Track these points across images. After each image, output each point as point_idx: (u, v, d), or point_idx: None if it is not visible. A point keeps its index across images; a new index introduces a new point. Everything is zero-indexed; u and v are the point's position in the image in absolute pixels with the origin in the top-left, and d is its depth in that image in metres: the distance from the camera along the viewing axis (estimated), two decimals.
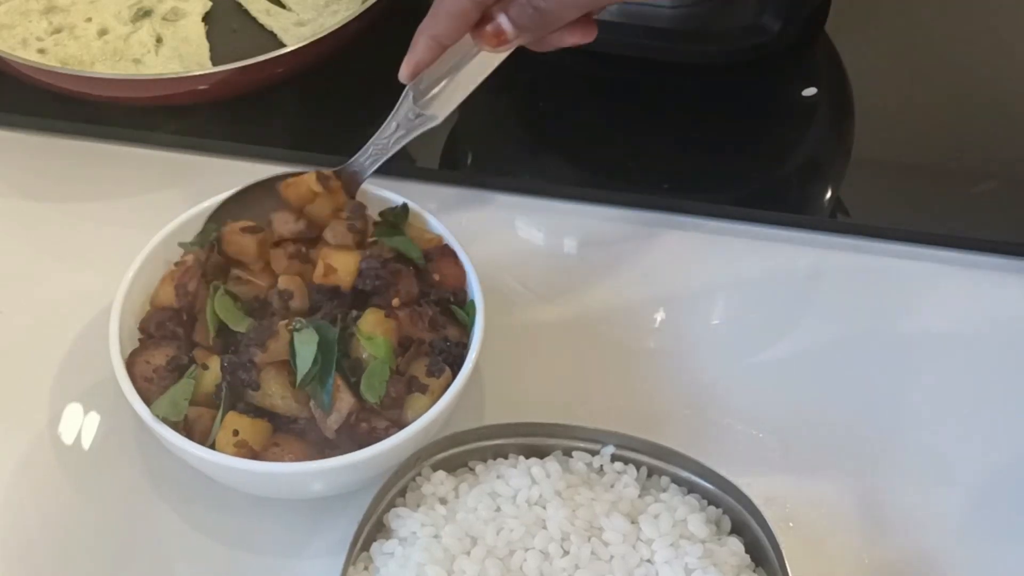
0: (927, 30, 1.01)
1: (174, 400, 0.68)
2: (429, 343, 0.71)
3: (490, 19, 0.70)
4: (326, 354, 0.67)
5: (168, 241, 0.74)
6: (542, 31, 0.70)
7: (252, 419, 0.67)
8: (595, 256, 0.86)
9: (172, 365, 0.70)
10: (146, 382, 0.69)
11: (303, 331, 0.68)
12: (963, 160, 0.91)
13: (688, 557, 0.64)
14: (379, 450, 0.65)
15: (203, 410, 0.68)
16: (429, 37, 0.71)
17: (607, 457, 0.69)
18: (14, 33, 0.94)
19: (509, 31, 0.69)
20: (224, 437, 0.66)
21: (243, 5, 0.99)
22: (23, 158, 0.91)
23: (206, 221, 0.75)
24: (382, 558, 0.64)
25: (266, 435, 0.67)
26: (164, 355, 0.70)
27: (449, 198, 0.88)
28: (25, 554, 0.70)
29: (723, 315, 0.84)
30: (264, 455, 0.66)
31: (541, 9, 0.68)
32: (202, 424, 0.68)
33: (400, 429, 0.67)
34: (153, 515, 0.72)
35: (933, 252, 0.86)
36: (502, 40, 0.70)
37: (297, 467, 0.65)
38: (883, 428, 0.76)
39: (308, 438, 0.68)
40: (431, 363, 0.69)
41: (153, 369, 0.69)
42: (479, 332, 0.71)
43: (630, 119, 0.95)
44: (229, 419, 0.67)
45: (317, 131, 0.92)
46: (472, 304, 0.72)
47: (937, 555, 0.71)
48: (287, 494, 0.71)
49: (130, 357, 0.70)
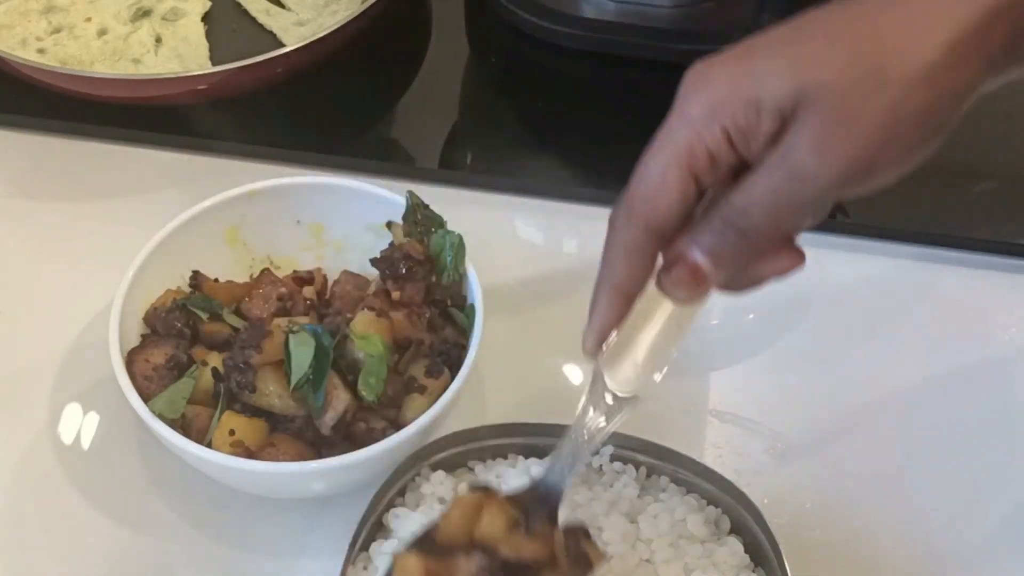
0: None
1: (172, 398, 0.68)
2: (429, 345, 0.71)
3: (678, 257, 0.55)
4: (321, 359, 0.67)
5: (168, 241, 0.74)
6: (748, 258, 0.54)
7: (249, 418, 0.67)
8: (595, 256, 0.85)
9: (171, 363, 0.70)
10: (146, 380, 0.69)
11: (299, 334, 0.68)
12: (962, 160, 0.91)
13: (687, 557, 0.64)
14: (377, 450, 0.65)
15: (201, 408, 0.68)
16: (609, 288, 0.56)
17: (606, 457, 0.69)
18: (13, 33, 0.94)
19: (706, 266, 0.54)
20: (220, 436, 0.66)
21: (242, 5, 0.99)
22: (23, 158, 0.91)
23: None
24: (381, 558, 0.64)
25: (262, 435, 0.67)
26: (164, 354, 0.70)
27: (449, 198, 0.87)
28: (25, 553, 0.70)
29: (722, 315, 0.84)
30: (260, 455, 0.66)
31: (748, 229, 0.53)
32: (200, 422, 0.68)
33: (397, 429, 0.67)
34: (153, 514, 0.72)
35: (933, 252, 0.86)
36: (700, 279, 0.54)
37: (294, 467, 0.65)
38: (883, 428, 0.76)
39: (305, 438, 0.68)
40: (430, 364, 0.70)
41: (153, 367, 0.69)
42: (478, 334, 0.70)
43: (630, 119, 0.95)
44: (226, 418, 0.67)
45: (316, 131, 0.92)
46: (472, 307, 0.72)
47: (938, 555, 0.71)
48: (285, 493, 0.71)
49: (129, 355, 0.70)
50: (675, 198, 0.53)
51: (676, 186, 0.53)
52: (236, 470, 0.66)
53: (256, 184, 0.77)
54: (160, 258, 0.74)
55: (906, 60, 0.49)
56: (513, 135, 0.93)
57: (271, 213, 0.78)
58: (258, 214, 0.78)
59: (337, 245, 0.80)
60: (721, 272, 0.54)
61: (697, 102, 0.53)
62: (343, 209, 0.78)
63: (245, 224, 0.78)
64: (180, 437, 0.66)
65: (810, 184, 0.51)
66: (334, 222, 0.79)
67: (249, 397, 0.67)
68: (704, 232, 0.54)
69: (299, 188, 0.78)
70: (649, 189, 0.54)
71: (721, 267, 0.54)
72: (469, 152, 0.92)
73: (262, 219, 0.78)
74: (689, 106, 0.53)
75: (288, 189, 0.78)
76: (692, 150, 0.53)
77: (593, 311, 0.57)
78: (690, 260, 0.54)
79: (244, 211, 0.77)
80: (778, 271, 0.55)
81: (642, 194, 0.54)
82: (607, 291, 0.57)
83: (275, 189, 0.78)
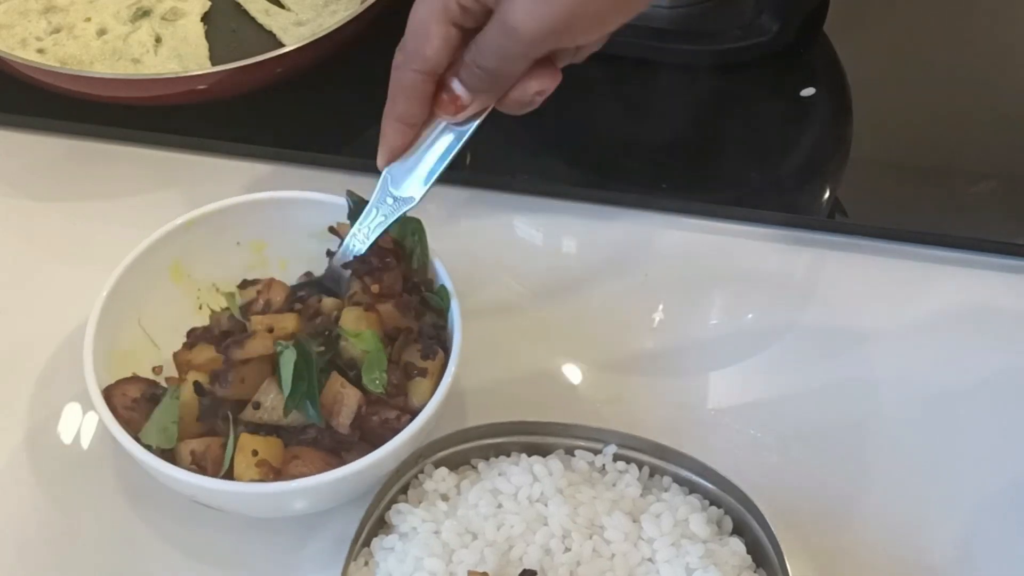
0: (925, 30, 1.01)
1: (162, 425, 0.67)
2: (418, 331, 0.71)
3: (445, 88, 0.67)
4: (302, 369, 0.66)
5: (117, 288, 0.72)
6: (497, 89, 0.67)
7: (264, 437, 0.66)
8: (594, 256, 0.86)
9: (148, 395, 0.69)
10: (128, 411, 0.68)
11: (284, 352, 0.67)
12: (962, 160, 0.92)
13: (689, 557, 0.64)
14: (405, 436, 0.65)
15: (210, 440, 0.66)
16: (393, 120, 0.69)
17: (609, 456, 0.69)
18: (13, 33, 0.94)
19: (464, 95, 0.67)
20: (244, 460, 0.65)
21: (242, 5, 0.98)
22: (23, 158, 0.91)
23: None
24: (382, 553, 0.65)
25: (281, 451, 0.66)
26: (138, 388, 0.69)
27: (449, 198, 0.88)
28: (18, 557, 0.70)
29: (723, 315, 0.84)
30: (287, 470, 0.65)
31: (487, 69, 0.65)
32: (213, 453, 0.66)
33: (409, 414, 0.67)
34: (151, 514, 0.72)
35: (932, 252, 0.86)
36: (459, 107, 0.67)
37: (336, 474, 0.64)
38: (884, 428, 0.76)
39: (323, 446, 0.67)
40: (424, 347, 0.70)
41: (132, 400, 0.68)
42: (456, 309, 0.70)
43: (629, 119, 0.95)
44: (244, 441, 0.65)
45: (316, 131, 0.92)
46: (443, 288, 0.72)
47: (938, 555, 0.71)
48: (327, 504, 0.70)
49: (106, 392, 0.68)
50: (437, 44, 0.66)
51: (437, 33, 0.65)
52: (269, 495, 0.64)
53: (192, 213, 0.75)
54: (114, 305, 0.72)
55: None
56: (513, 135, 0.93)
57: (210, 239, 0.76)
58: (198, 243, 0.76)
59: (282, 261, 0.78)
60: (478, 99, 0.67)
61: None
62: (283, 222, 0.77)
63: (186, 256, 0.76)
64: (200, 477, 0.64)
65: (517, 38, 0.63)
66: (275, 236, 0.78)
67: (254, 416, 0.66)
68: (461, 68, 0.66)
69: (235, 209, 0.77)
70: (417, 38, 0.66)
71: (476, 95, 0.67)
72: (469, 152, 0.92)
73: (202, 247, 0.76)
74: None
75: (224, 212, 0.76)
76: (447, 3, 0.65)
77: (382, 138, 0.70)
78: (451, 91, 0.67)
79: (184, 242, 0.75)
80: (532, 91, 0.66)
81: (412, 42, 0.66)
82: (391, 122, 0.69)
83: (211, 215, 0.76)
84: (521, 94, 0.67)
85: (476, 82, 0.66)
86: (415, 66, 0.67)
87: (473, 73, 0.66)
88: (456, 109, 0.67)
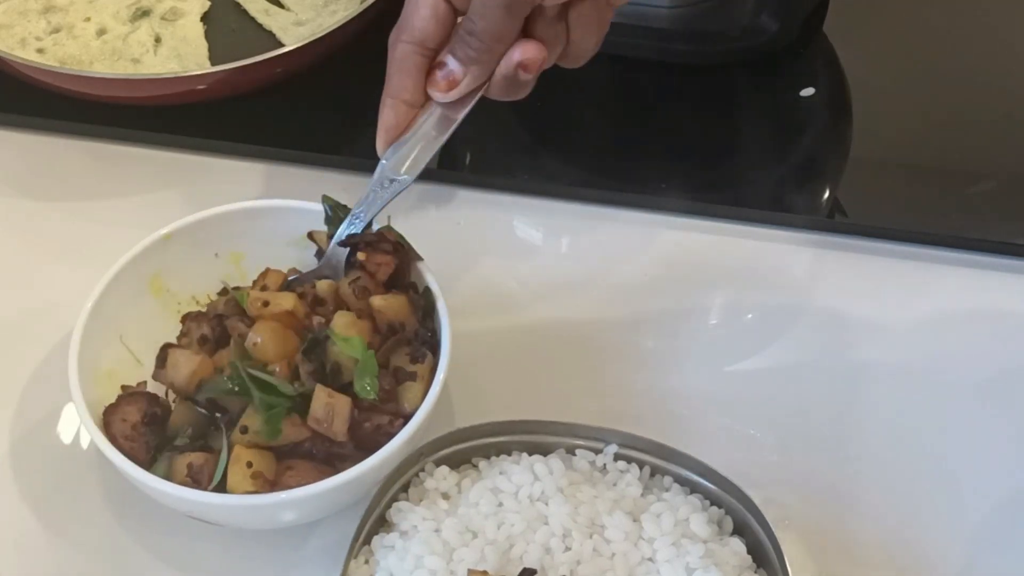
0: (925, 30, 1.02)
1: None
2: (414, 331, 0.70)
3: (438, 65, 0.70)
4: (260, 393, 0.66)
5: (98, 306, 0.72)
6: (486, 58, 0.69)
7: (259, 449, 0.66)
8: (594, 256, 0.86)
9: (148, 419, 0.68)
10: (127, 441, 0.67)
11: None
12: (961, 160, 0.92)
13: (689, 557, 0.64)
14: (400, 441, 0.65)
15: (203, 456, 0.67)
16: (388, 98, 0.71)
17: (610, 456, 0.69)
18: (13, 33, 0.94)
19: (456, 69, 0.69)
20: (238, 472, 0.65)
21: (242, 5, 0.98)
22: (22, 158, 0.91)
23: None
24: (382, 551, 0.65)
25: (274, 463, 0.66)
26: (138, 410, 0.68)
27: (448, 198, 0.88)
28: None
29: (723, 315, 0.84)
30: (282, 480, 0.66)
31: (475, 32, 0.68)
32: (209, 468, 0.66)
33: (403, 419, 0.67)
34: (142, 521, 0.72)
35: (931, 252, 0.86)
36: (452, 82, 0.69)
37: (335, 481, 0.64)
38: (884, 428, 0.76)
39: (316, 457, 0.67)
40: (412, 350, 0.69)
41: (131, 426, 0.68)
42: (444, 309, 0.70)
43: (628, 119, 0.95)
44: (238, 453, 0.65)
45: (316, 131, 0.92)
46: (428, 289, 0.72)
47: (939, 555, 0.71)
48: (319, 515, 0.70)
49: (104, 417, 0.68)
50: (425, 13, 0.69)
51: (425, 3, 0.69)
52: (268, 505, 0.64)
53: (169, 226, 0.75)
54: (95, 325, 0.71)
55: None
56: (512, 135, 0.93)
57: (188, 252, 0.76)
58: (176, 256, 0.75)
59: (260, 271, 0.77)
60: (470, 73, 0.69)
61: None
62: (260, 231, 0.77)
63: (165, 269, 0.75)
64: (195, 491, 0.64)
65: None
66: (253, 247, 0.77)
67: (241, 439, 0.66)
68: (453, 42, 0.69)
69: (213, 220, 0.76)
70: (408, 12, 0.70)
71: (467, 68, 0.69)
72: (469, 152, 0.92)
73: (180, 261, 0.76)
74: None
75: (202, 224, 0.76)
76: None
77: (380, 118, 0.71)
78: (444, 66, 0.69)
79: (162, 256, 0.75)
80: (514, 60, 0.68)
81: (405, 18, 0.70)
82: (387, 100, 0.71)
83: (188, 227, 0.75)
84: (506, 68, 0.69)
85: (467, 50, 0.68)
86: (405, 36, 0.70)
87: (464, 41, 0.68)
88: (449, 85, 0.70)
